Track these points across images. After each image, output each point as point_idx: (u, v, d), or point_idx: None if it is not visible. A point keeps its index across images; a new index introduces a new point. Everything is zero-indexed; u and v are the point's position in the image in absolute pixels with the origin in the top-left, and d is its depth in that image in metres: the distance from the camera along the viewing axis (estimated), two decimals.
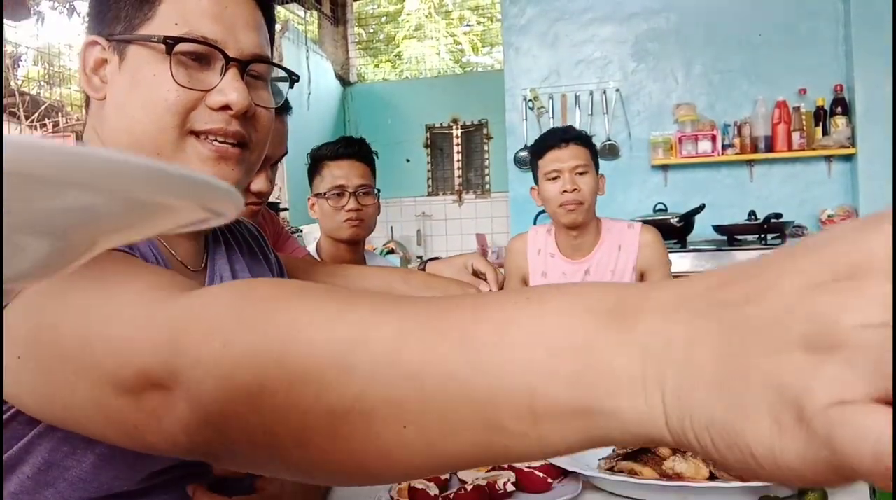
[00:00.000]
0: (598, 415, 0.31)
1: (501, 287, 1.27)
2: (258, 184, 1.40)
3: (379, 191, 2.01)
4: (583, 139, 2.10)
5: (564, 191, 2.03)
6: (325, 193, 1.91)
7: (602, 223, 2.15)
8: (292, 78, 0.86)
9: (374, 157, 2.01)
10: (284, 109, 1.43)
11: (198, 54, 0.76)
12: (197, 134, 0.76)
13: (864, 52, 3.52)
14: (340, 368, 0.36)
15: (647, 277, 2.05)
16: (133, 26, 0.76)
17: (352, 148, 1.95)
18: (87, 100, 0.80)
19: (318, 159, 1.97)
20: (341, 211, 1.92)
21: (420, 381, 0.34)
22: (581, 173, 2.04)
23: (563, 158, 2.05)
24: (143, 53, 0.75)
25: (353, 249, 2.02)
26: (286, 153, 1.46)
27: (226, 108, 0.76)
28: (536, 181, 2.11)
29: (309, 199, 2.00)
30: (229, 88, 0.76)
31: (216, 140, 0.77)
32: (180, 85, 0.74)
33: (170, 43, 0.73)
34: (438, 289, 1.08)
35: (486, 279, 1.25)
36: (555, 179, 2.06)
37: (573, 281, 2.11)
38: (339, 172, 1.93)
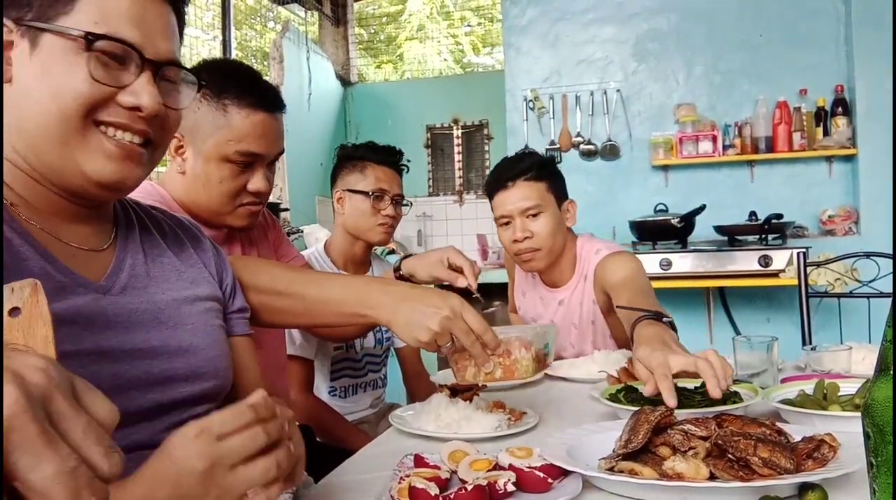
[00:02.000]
0: None
1: (476, 279, 1.24)
2: (256, 183, 1.36)
3: (410, 204, 2.07)
4: (535, 171, 1.83)
5: (516, 240, 1.82)
6: (370, 193, 1.93)
7: (579, 249, 1.93)
8: (200, 83, 0.90)
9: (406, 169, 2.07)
10: (281, 107, 1.41)
11: (115, 55, 0.78)
12: (101, 124, 0.78)
13: (865, 53, 3.51)
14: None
15: (613, 299, 1.68)
16: (48, 16, 0.77)
17: (395, 157, 2.01)
18: None
19: (357, 158, 1.99)
20: (379, 214, 1.95)
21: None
22: (533, 215, 1.81)
23: (510, 200, 1.81)
24: (58, 44, 0.76)
25: (367, 249, 2.04)
26: (283, 151, 1.45)
27: (136, 109, 0.79)
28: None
29: (337, 192, 2.00)
30: (142, 91, 0.79)
31: (124, 138, 0.79)
32: (95, 79, 0.76)
33: (91, 39, 0.76)
34: (416, 299, 1.05)
35: (462, 273, 1.22)
36: (506, 224, 1.84)
37: (548, 310, 1.98)
38: (384, 176, 1.97)
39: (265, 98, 1.37)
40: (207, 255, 1.01)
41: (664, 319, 1.30)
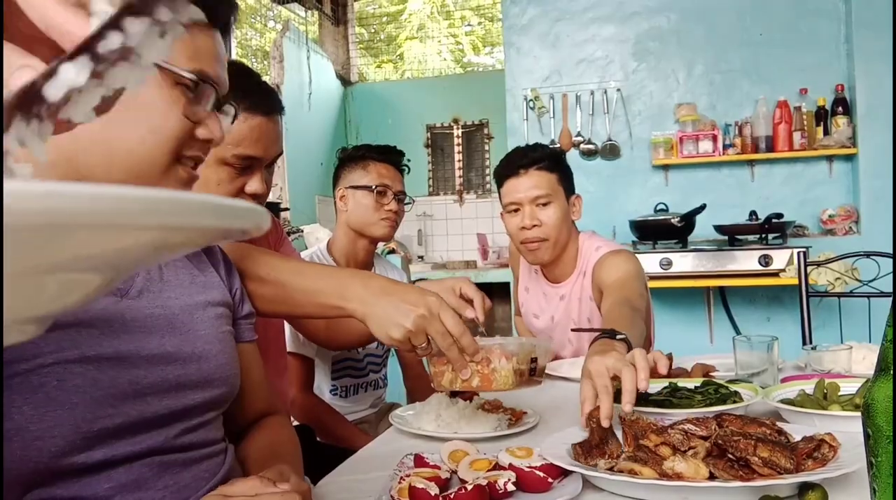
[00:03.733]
0: None
1: (485, 313, 1.21)
2: (253, 186, 1.34)
3: (413, 201, 2.09)
4: (547, 162, 1.85)
5: (524, 227, 1.82)
6: (373, 187, 1.96)
7: (581, 244, 1.93)
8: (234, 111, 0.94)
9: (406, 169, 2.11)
10: (279, 110, 1.40)
11: (203, 93, 0.81)
12: (181, 158, 0.82)
13: (866, 52, 3.51)
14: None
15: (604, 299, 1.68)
16: None
17: (396, 156, 2.05)
18: None
19: (359, 156, 2.02)
20: (382, 209, 1.97)
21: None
22: (543, 204, 1.82)
23: (522, 188, 1.82)
24: (149, 76, 0.78)
25: (370, 247, 2.05)
26: (281, 153, 1.45)
27: (209, 141, 0.83)
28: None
29: (339, 190, 2.03)
30: (214, 124, 0.83)
31: (192, 166, 0.84)
32: (186, 117, 0.80)
33: (195, 80, 0.78)
34: (393, 294, 1.02)
35: (472, 304, 1.20)
36: (515, 211, 1.84)
37: (550, 305, 1.99)
38: (386, 173, 2.00)
39: (263, 101, 1.35)
40: (217, 259, 1.02)
41: (618, 336, 1.25)
